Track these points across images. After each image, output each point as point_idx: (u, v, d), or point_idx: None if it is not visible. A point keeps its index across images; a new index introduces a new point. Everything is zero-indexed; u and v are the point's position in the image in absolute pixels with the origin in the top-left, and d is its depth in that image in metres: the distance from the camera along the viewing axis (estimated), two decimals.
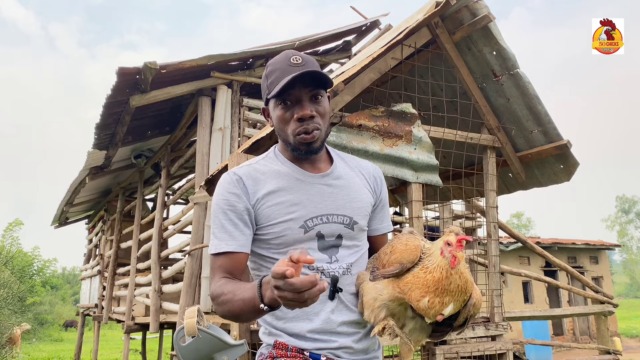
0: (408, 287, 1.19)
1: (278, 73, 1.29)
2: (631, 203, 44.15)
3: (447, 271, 1.14)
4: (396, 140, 3.46)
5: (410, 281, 1.19)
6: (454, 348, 3.70)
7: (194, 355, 1.30)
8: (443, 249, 1.15)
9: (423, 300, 1.15)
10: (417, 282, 1.17)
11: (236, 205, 1.31)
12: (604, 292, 5.62)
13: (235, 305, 1.17)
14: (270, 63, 1.34)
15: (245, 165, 1.39)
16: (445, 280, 1.14)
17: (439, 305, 1.15)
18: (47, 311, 25.45)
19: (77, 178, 7.59)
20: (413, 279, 1.18)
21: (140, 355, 10.80)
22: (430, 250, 1.20)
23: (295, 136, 1.30)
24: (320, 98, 1.31)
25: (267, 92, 1.33)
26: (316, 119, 1.29)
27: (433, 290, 1.15)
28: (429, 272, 1.16)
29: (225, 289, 1.22)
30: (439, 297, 1.14)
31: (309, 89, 1.28)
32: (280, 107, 1.30)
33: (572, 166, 4.03)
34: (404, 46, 3.60)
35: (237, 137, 5.34)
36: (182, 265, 5.41)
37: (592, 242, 14.81)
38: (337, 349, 1.30)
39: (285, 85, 1.24)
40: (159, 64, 4.57)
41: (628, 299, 42.60)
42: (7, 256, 14.81)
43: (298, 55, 1.31)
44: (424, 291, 1.16)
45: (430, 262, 1.17)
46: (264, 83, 1.35)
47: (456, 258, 1.13)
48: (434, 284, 1.14)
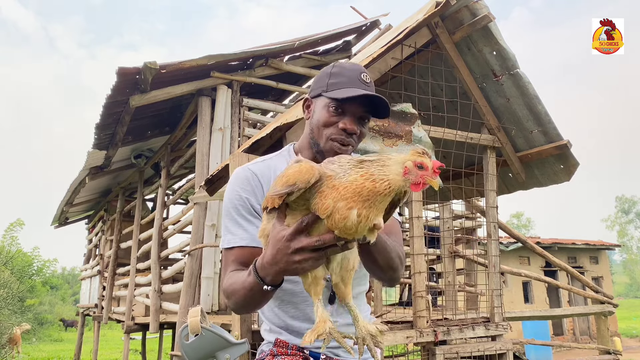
0: (322, 200, 0.96)
1: (346, 79, 1.29)
2: (631, 203, 44.18)
3: (395, 189, 0.95)
4: (396, 140, 3.46)
5: (326, 192, 0.96)
6: (454, 348, 3.70)
7: (197, 353, 1.32)
8: (409, 168, 0.96)
9: (351, 212, 0.93)
10: (341, 192, 0.95)
11: (249, 202, 1.30)
12: (604, 292, 5.62)
13: (241, 294, 1.16)
14: (339, 65, 1.35)
15: (260, 162, 1.39)
16: (385, 197, 0.95)
17: (365, 219, 0.94)
18: (47, 311, 25.47)
19: (77, 178, 7.59)
20: (332, 189, 0.96)
21: (140, 355, 10.79)
22: (383, 159, 0.98)
23: (330, 141, 1.30)
24: (366, 122, 1.33)
25: (324, 89, 1.32)
26: (354, 137, 1.31)
27: (365, 201, 0.94)
28: (369, 181, 0.94)
29: (232, 279, 1.22)
30: (372, 209, 0.95)
31: (364, 109, 1.29)
32: (330, 109, 1.29)
33: (572, 166, 4.03)
34: (404, 46, 3.60)
35: (237, 137, 5.34)
36: (182, 265, 5.41)
37: (592, 242, 14.83)
38: (337, 348, 1.32)
39: (352, 96, 1.25)
40: (159, 64, 4.58)
41: (628, 299, 42.61)
42: (7, 256, 14.81)
43: (367, 74, 1.33)
44: (352, 202, 0.94)
45: (378, 172, 0.95)
46: (324, 79, 1.33)
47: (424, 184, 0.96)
48: (372, 195, 0.94)
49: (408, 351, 5.40)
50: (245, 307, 1.21)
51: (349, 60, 1.27)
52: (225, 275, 1.27)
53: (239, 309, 1.24)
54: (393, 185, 0.95)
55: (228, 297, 1.23)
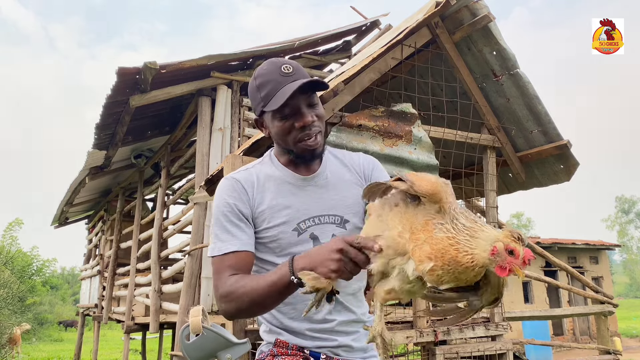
0: (420, 241, 0.98)
1: (272, 85, 1.27)
2: (631, 203, 44.17)
3: (478, 269, 0.93)
4: (396, 140, 3.46)
5: (421, 238, 0.98)
6: (454, 348, 3.70)
7: (199, 352, 1.32)
8: (498, 249, 0.91)
9: (425, 263, 0.95)
10: (432, 243, 0.96)
11: (236, 207, 1.32)
12: (604, 292, 5.62)
13: (259, 293, 1.16)
14: (259, 74, 1.32)
15: (242, 170, 1.40)
16: (466, 273, 0.94)
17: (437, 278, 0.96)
18: (47, 311, 25.47)
19: (77, 178, 7.59)
20: (429, 236, 0.97)
21: (140, 355, 10.80)
22: (476, 229, 0.95)
23: (298, 144, 1.30)
24: (316, 102, 1.32)
25: (261, 105, 1.31)
26: (316, 123, 1.31)
27: (444, 266, 0.94)
28: (455, 249, 0.93)
29: (243, 281, 1.21)
30: (445, 273, 0.95)
31: (305, 96, 1.28)
32: (278, 119, 1.29)
33: (572, 166, 4.03)
34: (404, 46, 3.60)
35: (237, 137, 5.34)
36: (182, 265, 5.41)
37: (592, 242, 14.82)
38: (337, 347, 1.33)
39: (287, 99, 1.24)
40: (159, 64, 4.57)
41: (628, 299, 42.62)
42: (7, 256, 14.81)
43: (287, 63, 1.30)
44: (433, 256, 0.95)
45: (466, 242, 0.93)
46: (256, 95, 1.32)
47: (510, 271, 0.91)
48: (452, 264, 0.93)
49: (408, 351, 5.41)
50: (253, 307, 1.20)
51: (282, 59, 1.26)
52: (221, 280, 1.25)
53: (243, 310, 1.22)
54: (476, 261, 0.93)
55: (231, 300, 1.21)
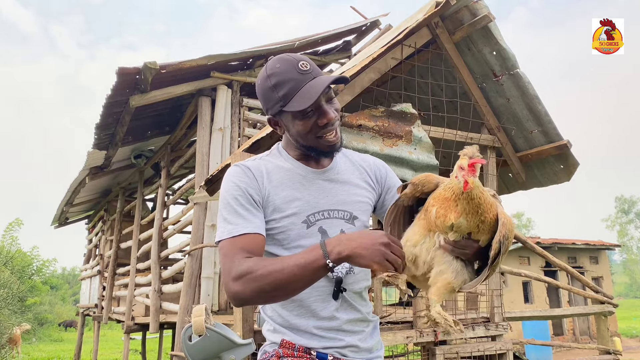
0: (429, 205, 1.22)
1: (293, 84, 1.24)
2: (631, 203, 44.16)
3: (456, 194, 1.12)
4: (396, 141, 3.46)
5: (429, 201, 1.22)
6: (454, 348, 3.70)
7: (202, 354, 1.28)
8: (457, 173, 1.12)
9: (432, 209, 1.17)
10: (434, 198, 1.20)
11: (247, 192, 1.28)
12: (604, 292, 5.61)
13: (285, 273, 1.12)
14: (275, 73, 1.26)
15: (251, 160, 1.38)
16: (452, 201, 1.13)
17: (443, 217, 1.15)
18: (47, 311, 25.45)
19: (77, 178, 7.59)
20: (433, 198, 1.21)
21: (140, 355, 10.79)
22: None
23: (320, 140, 1.29)
24: (333, 97, 1.31)
25: (280, 104, 1.27)
26: (336, 118, 1.31)
27: (440, 203, 1.16)
28: (442, 189, 1.18)
29: (264, 262, 1.15)
30: (444, 209, 1.15)
31: (325, 93, 1.26)
32: (300, 118, 1.27)
33: (572, 166, 4.03)
34: (404, 46, 3.60)
35: (237, 137, 5.34)
36: (182, 265, 5.41)
37: (592, 242, 14.81)
38: (344, 347, 1.30)
39: (313, 99, 1.22)
40: (159, 64, 4.57)
41: (628, 299, 42.62)
42: (7, 256, 14.80)
43: (303, 60, 1.27)
44: (435, 202, 1.18)
45: (448, 182, 1.17)
46: (271, 94, 1.27)
47: (467, 183, 1.09)
48: (443, 199, 1.15)
49: (408, 351, 5.40)
50: (275, 290, 1.13)
51: (295, 56, 1.24)
52: (234, 262, 1.18)
53: (263, 292, 1.14)
54: (455, 189, 1.13)
55: (249, 281, 1.14)
